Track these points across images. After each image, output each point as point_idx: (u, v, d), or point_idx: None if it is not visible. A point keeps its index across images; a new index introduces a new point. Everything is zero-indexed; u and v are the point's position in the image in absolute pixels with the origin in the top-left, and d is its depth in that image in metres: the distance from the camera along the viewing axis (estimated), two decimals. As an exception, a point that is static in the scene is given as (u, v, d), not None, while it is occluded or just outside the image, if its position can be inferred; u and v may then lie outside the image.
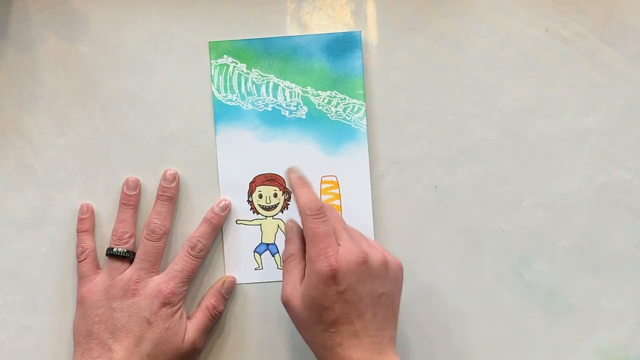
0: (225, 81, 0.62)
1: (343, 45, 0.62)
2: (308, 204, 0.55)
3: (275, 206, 0.62)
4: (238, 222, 0.62)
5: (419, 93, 0.62)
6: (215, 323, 0.61)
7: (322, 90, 0.62)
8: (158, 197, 0.61)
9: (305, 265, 0.55)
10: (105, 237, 0.61)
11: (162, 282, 0.58)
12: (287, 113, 0.62)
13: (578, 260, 0.61)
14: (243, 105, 0.62)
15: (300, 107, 0.62)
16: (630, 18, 0.62)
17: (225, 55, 0.62)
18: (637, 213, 0.61)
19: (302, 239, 0.57)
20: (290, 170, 0.58)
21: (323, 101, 0.62)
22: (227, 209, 0.61)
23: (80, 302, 0.59)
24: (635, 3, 0.62)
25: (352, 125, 0.61)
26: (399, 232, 0.61)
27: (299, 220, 0.56)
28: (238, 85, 0.62)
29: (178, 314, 0.58)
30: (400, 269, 0.56)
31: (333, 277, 0.52)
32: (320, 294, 0.53)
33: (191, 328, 0.59)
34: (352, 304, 0.52)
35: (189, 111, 0.62)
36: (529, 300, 0.61)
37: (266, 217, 0.62)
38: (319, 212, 0.55)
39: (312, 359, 0.55)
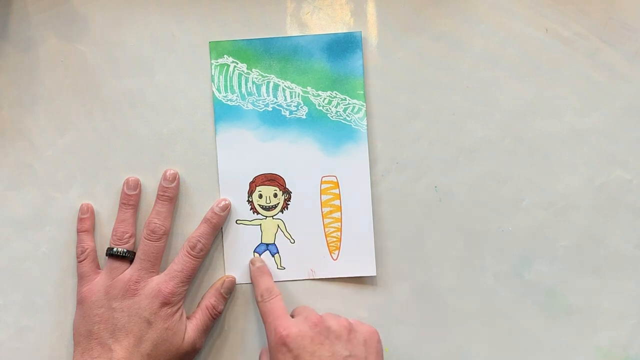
0: (226, 81, 0.62)
1: (343, 46, 0.61)
2: (260, 291, 0.58)
3: (275, 206, 0.62)
4: (238, 222, 0.62)
5: (419, 93, 0.62)
6: (215, 323, 0.61)
7: (323, 91, 0.61)
8: (158, 197, 0.60)
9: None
10: (105, 237, 0.61)
11: (162, 282, 0.58)
12: (287, 113, 0.62)
13: (578, 260, 0.61)
14: (243, 105, 0.62)
15: (301, 107, 0.62)
16: (630, 18, 0.62)
17: (225, 55, 0.62)
18: (637, 213, 0.61)
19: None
20: (252, 261, 0.61)
21: (323, 101, 0.61)
22: (227, 209, 0.61)
23: (80, 302, 0.59)
24: (635, 3, 0.62)
25: (353, 126, 0.61)
26: (399, 232, 0.61)
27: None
28: (238, 85, 0.62)
29: (178, 314, 0.58)
30: (371, 333, 0.55)
31: (284, 343, 0.53)
32: None
33: (191, 328, 0.59)
34: None
35: (189, 111, 0.62)
36: (529, 300, 0.61)
37: (266, 217, 0.62)
38: (270, 294, 0.57)
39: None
